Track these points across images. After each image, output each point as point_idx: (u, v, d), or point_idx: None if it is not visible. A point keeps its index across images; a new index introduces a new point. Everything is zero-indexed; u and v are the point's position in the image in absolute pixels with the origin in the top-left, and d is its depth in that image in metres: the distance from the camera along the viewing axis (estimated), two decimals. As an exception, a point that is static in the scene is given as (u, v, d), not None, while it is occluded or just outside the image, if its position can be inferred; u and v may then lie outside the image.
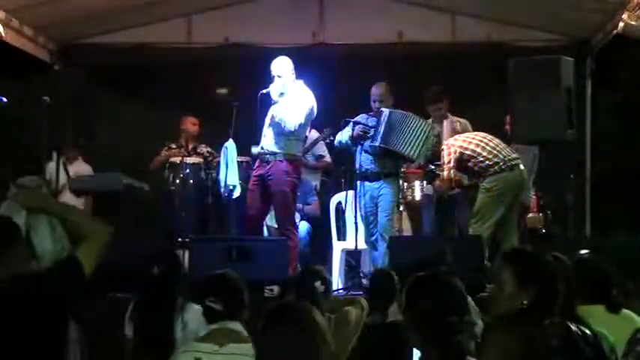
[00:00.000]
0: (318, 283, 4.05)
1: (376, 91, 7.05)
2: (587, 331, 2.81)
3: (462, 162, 6.86)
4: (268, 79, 6.83)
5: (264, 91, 6.70)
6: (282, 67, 6.74)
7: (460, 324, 2.53)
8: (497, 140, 6.91)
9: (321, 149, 8.16)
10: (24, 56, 8.24)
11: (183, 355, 3.46)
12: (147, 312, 3.97)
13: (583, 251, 4.31)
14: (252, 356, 3.26)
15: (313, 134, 7.88)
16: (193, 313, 3.98)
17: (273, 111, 6.77)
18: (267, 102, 6.83)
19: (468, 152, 6.83)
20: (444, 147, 6.92)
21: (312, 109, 6.76)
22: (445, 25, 9.05)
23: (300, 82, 6.86)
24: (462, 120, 7.57)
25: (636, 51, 7.89)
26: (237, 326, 3.55)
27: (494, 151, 6.79)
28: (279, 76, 6.71)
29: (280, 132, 6.72)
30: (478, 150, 6.81)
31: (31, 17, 8.03)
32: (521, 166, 6.87)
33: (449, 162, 6.83)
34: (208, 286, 3.70)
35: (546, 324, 2.79)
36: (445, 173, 6.86)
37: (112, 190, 7.08)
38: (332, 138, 7.53)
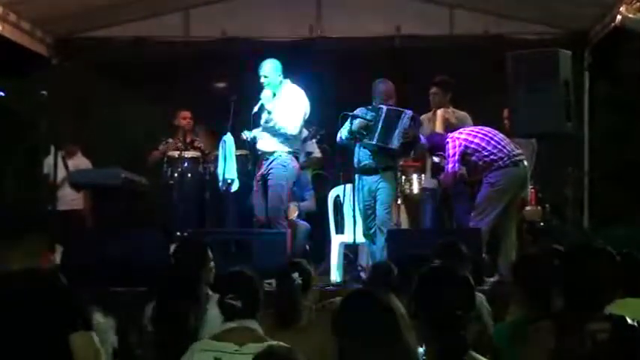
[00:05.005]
0: (295, 275, 4.04)
1: (383, 88, 7.00)
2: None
3: (466, 155, 6.81)
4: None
5: (255, 109, 6.86)
6: (268, 69, 6.90)
7: (464, 319, 2.52)
8: (501, 135, 6.85)
9: (311, 147, 8.18)
10: (22, 50, 8.23)
11: (203, 354, 3.37)
12: (170, 303, 3.89)
13: None
14: None
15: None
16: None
17: (267, 116, 6.93)
18: (261, 112, 6.95)
19: (472, 146, 6.77)
20: (448, 140, 6.86)
21: (306, 108, 6.96)
22: (443, 18, 9.05)
23: (288, 82, 6.94)
24: (460, 112, 7.53)
25: (634, 43, 7.88)
26: (254, 325, 3.47)
27: (499, 146, 6.73)
28: (265, 77, 6.87)
29: (277, 134, 6.90)
30: (483, 144, 6.74)
31: (29, 11, 8.02)
32: (525, 162, 6.83)
33: (454, 155, 6.79)
34: (228, 283, 3.66)
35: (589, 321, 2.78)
36: (450, 166, 6.82)
37: (110, 184, 7.08)
38: (321, 133, 7.58)
